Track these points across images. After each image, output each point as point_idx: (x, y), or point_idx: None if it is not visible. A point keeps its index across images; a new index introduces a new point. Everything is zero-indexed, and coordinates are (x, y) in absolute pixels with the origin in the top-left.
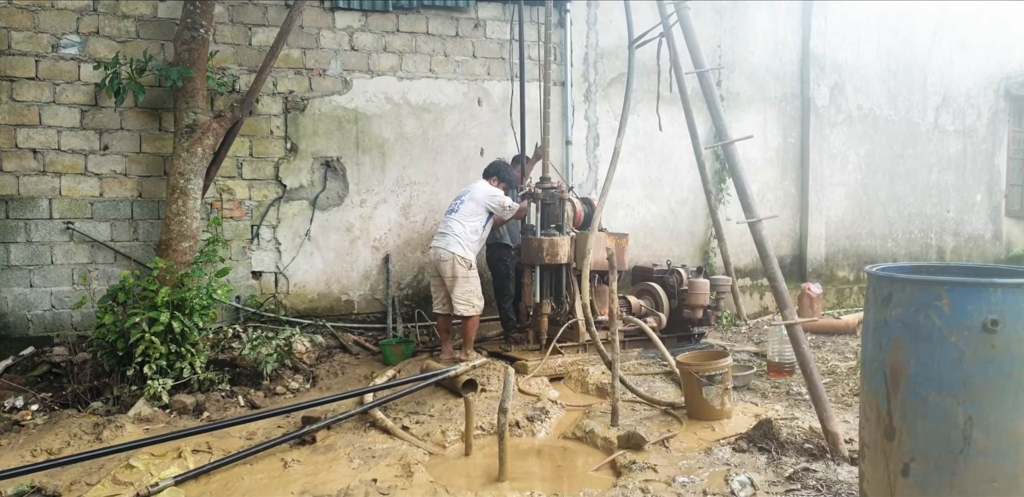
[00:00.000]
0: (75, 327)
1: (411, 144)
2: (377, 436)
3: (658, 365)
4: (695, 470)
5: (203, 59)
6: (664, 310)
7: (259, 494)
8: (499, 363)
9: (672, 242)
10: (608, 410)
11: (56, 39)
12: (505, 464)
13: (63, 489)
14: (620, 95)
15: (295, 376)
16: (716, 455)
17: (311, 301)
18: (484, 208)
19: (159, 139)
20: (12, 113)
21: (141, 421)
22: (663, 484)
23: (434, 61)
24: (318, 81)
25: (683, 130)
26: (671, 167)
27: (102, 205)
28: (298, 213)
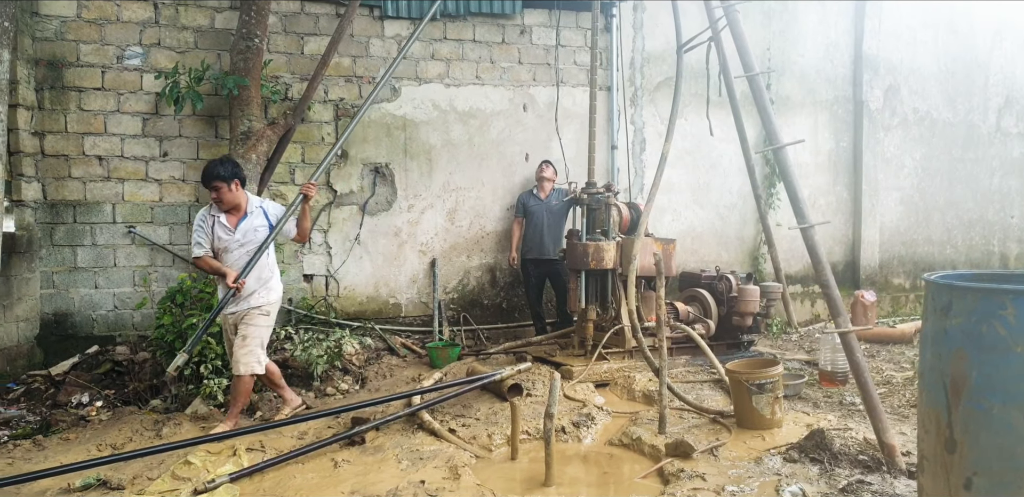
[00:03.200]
0: (136, 327)
1: (457, 150)
2: (425, 438)
3: (706, 373)
4: (745, 479)
5: (257, 68)
6: (712, 317)
7: (311, 493)
8: (544, 368)
9: (720, 248)
10: (655, 417)
11: (120, 51)
12: (551, 469)
13: (127, 482)
14: (666, 99)
15: (345, 377)
16: (766, 465)
17: (360, 304)
18: None
19: (215, 146)
20: (80, 122)
21: (198, 419)
22: (712, 493)
23: (480, 68)
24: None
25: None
26: (719, 172)
27: (161, 210)
28: (348, 218)
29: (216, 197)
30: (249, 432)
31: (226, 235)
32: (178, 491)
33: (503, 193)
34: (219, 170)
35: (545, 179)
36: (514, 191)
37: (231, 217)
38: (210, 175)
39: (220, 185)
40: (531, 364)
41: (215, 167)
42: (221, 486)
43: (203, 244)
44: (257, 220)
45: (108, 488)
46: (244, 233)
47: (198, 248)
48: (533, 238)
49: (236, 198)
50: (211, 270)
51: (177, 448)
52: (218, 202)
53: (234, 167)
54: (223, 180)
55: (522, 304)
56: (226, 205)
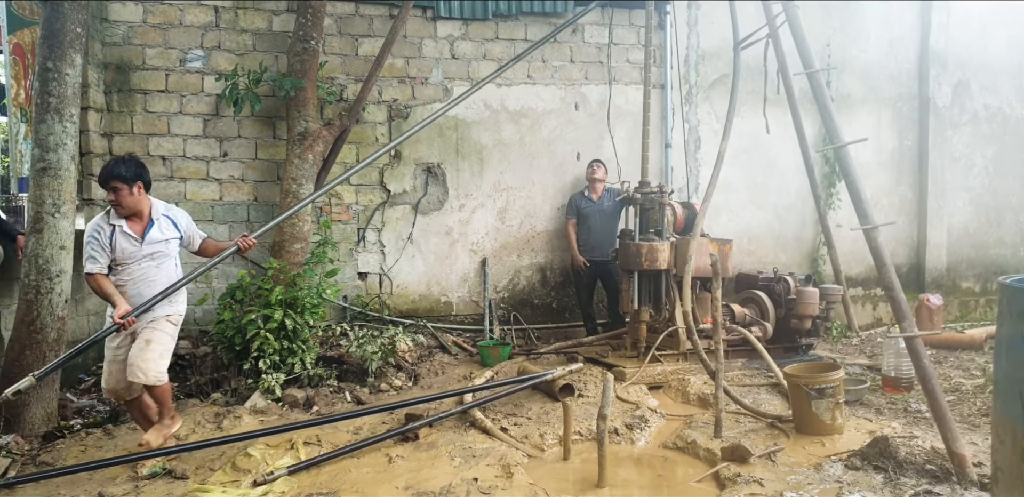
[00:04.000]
0: (197, 322)
1: (508, 149)
2: (477, 436)
3: (763, 376)
4: (804, 486)
5: (314, 69)
6: (770, 319)
7: (366, 487)
8: (595, 369)
9: (778, 249)
10: (710, 421)
11: (183, 54)
12: (604, 470)
13: (190, 472)
14: (721, 97)
15: (398, 374)
16: (827, 471)
17: (412, 302)
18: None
19: (273, 146)
20: (145, 123)
21: (256, 413)
22: None
23: (532, 67)
24: (420, 89)
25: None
26: (777, 171)
27: (221, 208)
28: (401, 217)
29: (114, 200)
30: (306, 426)
31: (132, 246)
32: (238, 482)
33: (554, 192)
34: (120, 169)
35: (596, 180)
36: (565, 190)
37: (134, 225)
38: (109, 174)
39: (120, 186)
40: (583, 365)
41: (116, 166)
42: (280, 478)
43: (98, 259)
44: (168, 231)
45: (173, 477)
46: (154, 244)
47: (92, 263)
48: (586, 239)
49: (138, 203)
50: (102, 294)
51: (237, 440)
52: (116, 206)
53: (138, 167)
54: (124, 181)
55: (573, 304)
56: (125, 210)
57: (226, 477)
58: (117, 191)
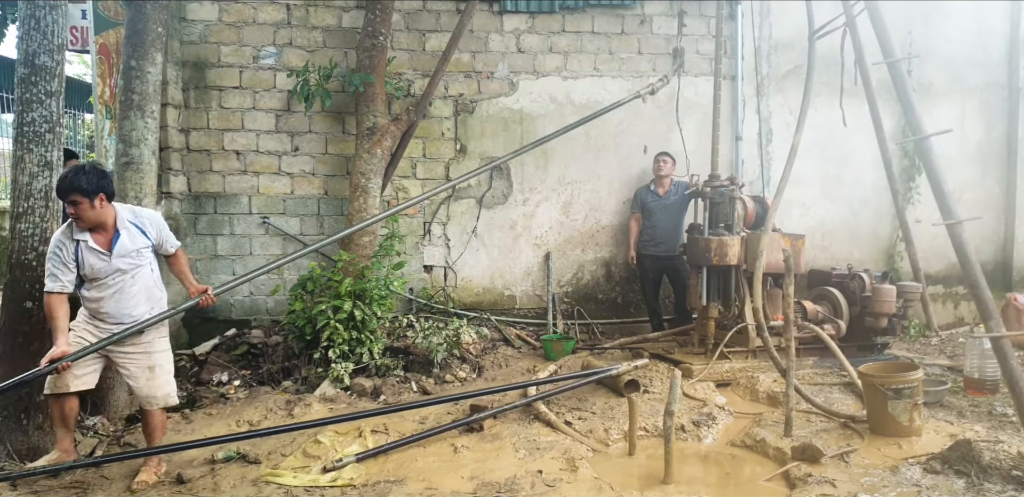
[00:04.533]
0: (269, 312)
1: (573, 143)
2: (541, 429)
3: (836, 375)
4: (879, 488)
5: (382, 65)
6: (843, 317)
7: (432, 475)
8: (661, 365)
9: (852, 244)
10: (780, 419)
11: (256, 51)
12: (671, 466)
13: (262, 457)
14: (795, 89)
15: (462, 365)
16: (904, 474)
17: (476, 295)
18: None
19: (342, 141)
20: (220, 119)
21: (326, 401)
22: None
23: (599, 59)
24: (486, 83)
25: (865, 124)
26: (852, 164)
27: (293, 202)
28: (466, 211)
29: (73, 213)
30: (374, 415)
31: (101, 261)
32: (309, 468)
33: (619, 186)
34: (80, 181)
35: (663, 175)
36: (631, 184)
37: (99, 237)
38: (69, 187)
39: (81, 200)
40: (648, 361)
41: (76, 177)
42: (348, 465)
43: (59, 276)
44: (137, 239)
45: (246, 461)
46: (123, 257)
47: (52, 281)
48: (651, 234)
49: (100, 216)
50: (49, 318)
51: (308, 427)
52: (76, 219)
53: (100, 178)
54: (85, 194)
55: (638, 300)
56: (87, 224)
57: (297, 463)
58: (77, 205)
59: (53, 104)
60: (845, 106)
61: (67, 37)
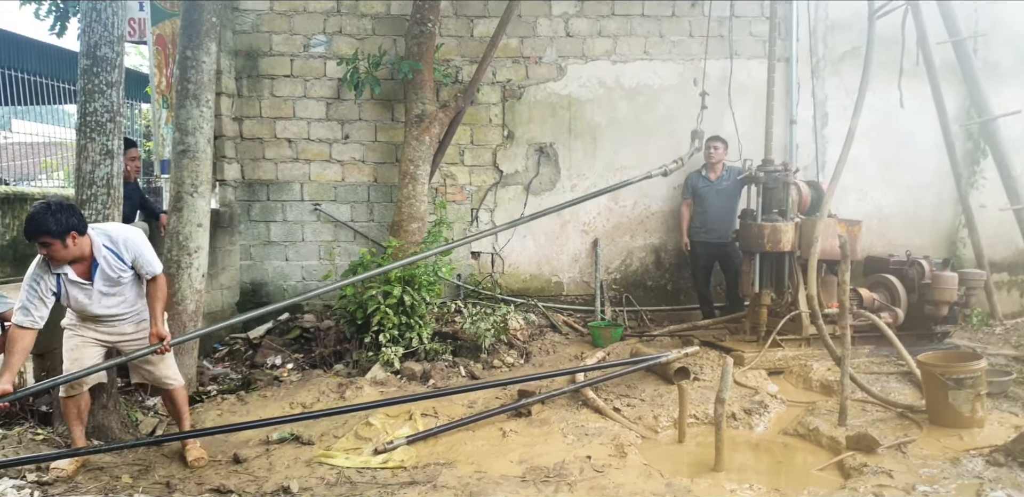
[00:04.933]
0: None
1: (622, 128)
2: (589, 415)
3: (892, 364)
4: (939, 480)
5: (430, 52)
6: (901, 305)
7: (481, 459)
8: (712, 353)
9: (911, 231)
10: (834, 408)
11: (307, 39)
12: (722, 454)
13: (315, 438)
14: (852, 70)
15: (510, 351)
16: (965, 466)
17: (523, 281)
18: None
19: (391, 128)
20: (272, 107)
21: (376, 384)
22: (900, 491)
23: (649, 43)
24: (534, 69)
25: (926, 106)
26: (912, 148)
27: (343, 189)
28: (513, 197)
29: (47, 254)
30: (424, 398)
31: (83, 293)
32: (360, 450)
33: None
34: (48, 224)
35: (715, 160)
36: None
37: (79, 267)
38: (36, 230)
39: (52, 242)
40: (698, 348)
41: (43, 219)
42: (399, 447)
43: (30, 310)
44: (115, 266)
45: (300, 442)
46: (104, 283)
47: (22, 314)
48: (703, 220)
49: (74, 252)
50: (6, 352)
51: (359, 410)
52: (52, 260)
53: (69, 216)
54: (55, 236)
55: (688, 287)
56: (61, 262)
57: (349, 444)
58: (48, 246)
59: (114, 94)
60: (905, 88)
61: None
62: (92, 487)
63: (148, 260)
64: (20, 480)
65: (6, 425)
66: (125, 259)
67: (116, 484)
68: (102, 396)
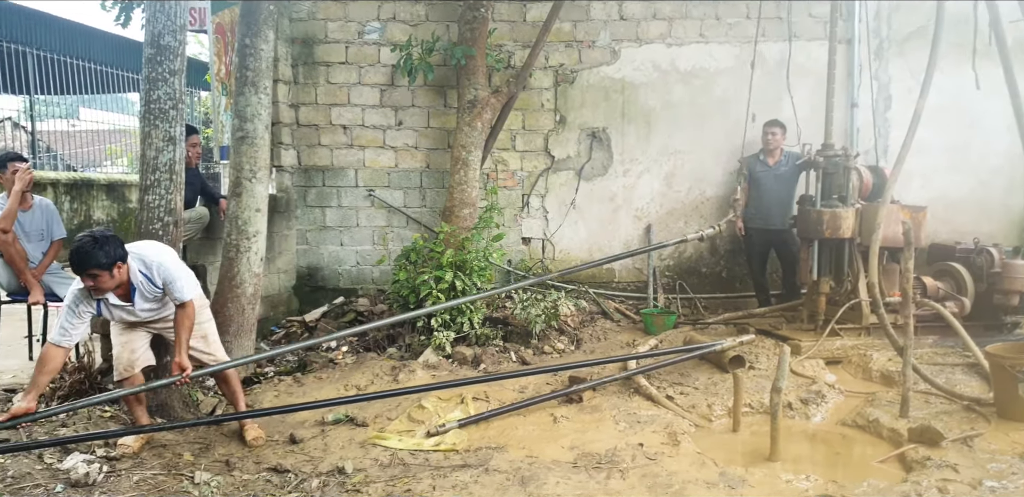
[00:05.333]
0: (374, 281)
1: (677, 112)
2: (641, 402)
3: (958, 355)
4: (1008, 475)
5: (483, 37)
6: (968, 294)
7: (532, 444)
8: (768, 341)
9: (980, 217)
10: (895, 399)
11: (361, 26)
12: (777, 444)
13: (369, 420)
14: (917, 51)
15: (560, 337)
16: None
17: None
18: None
19: (444, 114)
20: (328, 94)
21: (428, 368)
22: (966, 486)
23: (704, 25)
24: (587, 53)
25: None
26: (981, 130)
27: (396, 175)
28: (564, 183)
29: (93, 287)
30: (475, 382)
31: (126, 313)
32: (413, 432)
33: (726, 156)
34: (99, 258)
35: (773, 146)
36: (738, 154)
37: (118, 291)
38: (87, 263)
39: (100, 274)
40: (754, 336)
41: (93, 253)
42: (451, 431)
43: (69, 331)
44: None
45: (354, 424)
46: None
47: (62, 334)
48: (759, 206)
49: (119, 280)
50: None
51: (412, 393)
52: (95, 290)
53: (116, 248)
54: (103, 269)
55: (743, 274)
56: (104, 292)
57: (402, 427)
58: (96, 278)
59: (176, 82)
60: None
61: (188, 18)
62: (156, 463)
63: (178, 287)
64: (90, 455)
65: None
66: (157, 284)
67: (178, 461)
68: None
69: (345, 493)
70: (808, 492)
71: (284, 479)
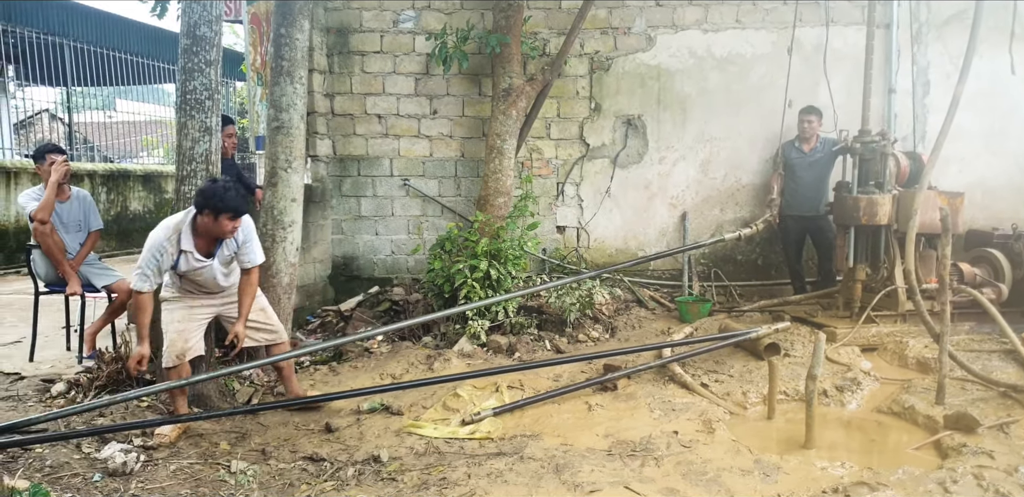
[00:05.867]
0: (409, 271)
1: (713, 98)
2: (676, 390)
3: (995, 342)
4: None
5: (518, 25)
6: (1005, 281)
7: (567, 432)
8: (803, 328)
9: (1019, 203)
10: (931, 386)
11: (396, 15)
12: (812, 431)
13: (404, 409)
14: (956, 35)
15: (595, 326)
16: None
17: (609, 256)
18: None
19: (478, 103)
20: (362, 83)
21: (463, 356)
22: (1002, 473)
23: (741, 10)
24: (622, 39)
25: None
26: (1020, 115)
27: (431, 164)
28: (599, 171)
29: (232, 230)
30: (510, 371)
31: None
32: (448, 420)
33: (762, 143)
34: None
35: (810, 134)
36: (774, 141)
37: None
38: (239, 209)
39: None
40: (789, 324)
41: (238, 198)
42: (486, 419)
43: (150, 278)
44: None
45: (389, 413)
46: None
47: (142, 281)
48: (795, 193)
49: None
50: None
51: (447, 381)
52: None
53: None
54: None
55: (779, 261)
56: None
57: (437, 415)
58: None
59: (212, 72)
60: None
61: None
62: (192, 452)
63: (253, 248)
64: (127, 444)
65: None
66: (238, 241)
67: (215, 450)
68: (201, 366)
69: (380, 481)
70: (843, 479)
71: (320, 468)
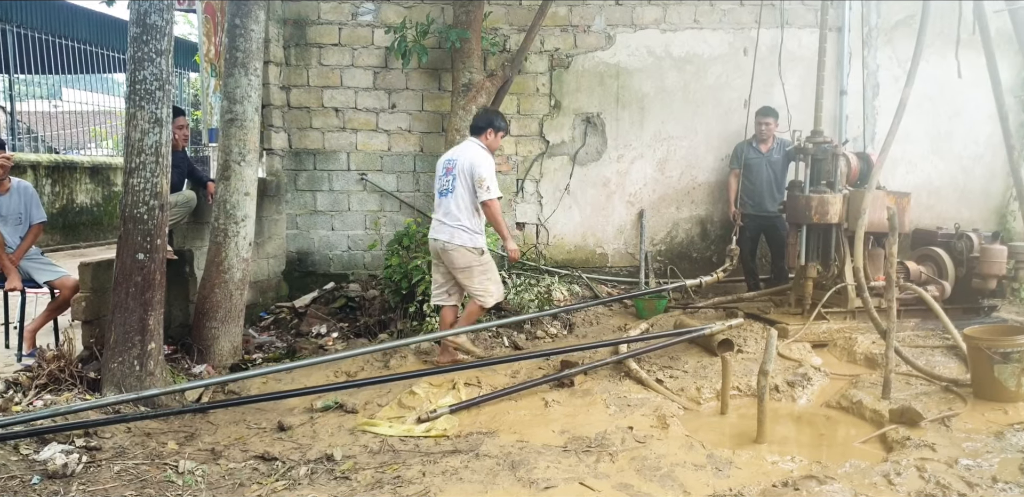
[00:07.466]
0: (366, 267)
1: (671, 97)
2: (632, 386)
3: (938, 338)
4: (982, 454)
5: (478, 20)
6: (948, 278)
7: (523, 428)
8: (756, 325)
9: (961, 203)
10: (878, 381)
11: (355, 7)
12: (764, 426)
13: (359, 407)
14: (904, 39)
15: (553, 322)
16: (1009, 440)
17: (568, 252)
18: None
19: (438, 98)
20: (320, 76)
21: (420, 353)
22: (942, 465)
23: (699, 11)
24: (582, 37)
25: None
26: (964, 119)
27: (389, 159)
28: (559, 168)
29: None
30: (467, 368)
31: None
32: (403, 418)
33: (718, 142)
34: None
35: (767, 136)
36: (730, 140)
37: None
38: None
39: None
40: (743, 320)
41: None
42: (442, 416)
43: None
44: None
45: (344, 411)
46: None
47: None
48: (751, 192)
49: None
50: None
51: (403, 379)
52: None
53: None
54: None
55: None
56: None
57: (392, 413)
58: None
59: (163, 62)
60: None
61: None
62: (139, 453)
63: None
64: (69, 445)
65: (55, 391)
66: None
67: (162, 450)
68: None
69: (334, 480)
70: (793, 473)
71: (271, 467)
